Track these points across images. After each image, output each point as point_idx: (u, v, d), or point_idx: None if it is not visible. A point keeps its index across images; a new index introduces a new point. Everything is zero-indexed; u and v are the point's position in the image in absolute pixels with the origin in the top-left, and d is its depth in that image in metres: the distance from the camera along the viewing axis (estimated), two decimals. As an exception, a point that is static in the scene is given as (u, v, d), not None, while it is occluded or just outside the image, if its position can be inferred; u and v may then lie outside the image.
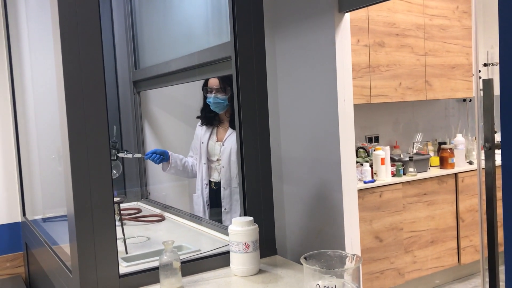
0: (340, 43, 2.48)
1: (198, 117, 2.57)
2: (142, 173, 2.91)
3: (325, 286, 1.05)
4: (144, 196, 2.91)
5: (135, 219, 2.42)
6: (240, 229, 1.55)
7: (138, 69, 2.79)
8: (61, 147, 1.47)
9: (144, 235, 2.13)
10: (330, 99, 3.38)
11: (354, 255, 1.12)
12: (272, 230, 1.76)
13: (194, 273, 1.57)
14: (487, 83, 2.13)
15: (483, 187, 2.38)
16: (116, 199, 1.91)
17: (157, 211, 2.60)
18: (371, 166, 3.51)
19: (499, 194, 2.18)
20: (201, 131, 2.58)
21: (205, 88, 2.44)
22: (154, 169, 2.90)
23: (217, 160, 2.52)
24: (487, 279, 2.41)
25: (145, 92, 2.86)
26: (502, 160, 1.99)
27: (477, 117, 2.68)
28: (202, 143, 2.56)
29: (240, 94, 1.72)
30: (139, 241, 2.05)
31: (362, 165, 3.48)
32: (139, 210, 2.65)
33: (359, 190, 3.23)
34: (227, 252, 1.63)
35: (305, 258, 1.13)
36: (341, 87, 3.49)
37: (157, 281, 1.49)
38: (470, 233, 3.86)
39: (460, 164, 3.96)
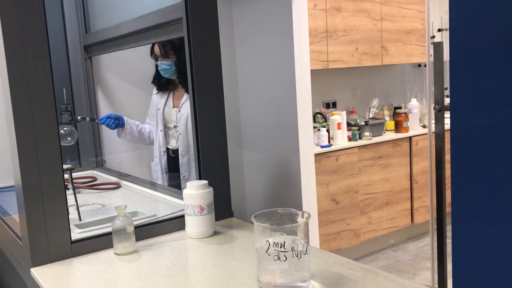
0: (297, 7, 2.46)
1: (152, 83, 2.53)
2: (96, 141, 2.84)
3: (274, 243, 1.07)
4: (100, 164, 2.85)
5: (90, 187, 2.38)
6: (194, 192, 1.55)
7: (89, 33, 2.69)
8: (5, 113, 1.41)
9: (99, 202, 2.10)
10: (287, 64, 3.38)
11: (303, 212, 1.14)
12: (227, 193, 1.77)
13: (149, 237, 1.57)
14: (438, 46, 2.18)
15: (433, 150, 2.46)
16: (66, 166, 1.86)
17: (113, 179, 2.56)
18: (328, 131, 3.56)
19: (448, 157, 2.26)
20: (157, 98, 2.52)
21: (153, 55, 2.39)
22: (109, 137, 2.84)
23: (174, 126, 2.49)
24: (435, 238, 2.52)
25: (97, 57, 2.77)
26: (450, 122, 2.04)
27: (428, 82, 2.75)
28: (158, 109, 2.51)
29: (192, 57, 1.68)
30: (93, 208, 2.02)
31: (319, 130, 3.52)
32: (94, 179, 2.60)
33: (316, 155, 3.28)
34: (183, 216, 1.64)
35: (255, 216, 1.14)
36: (298, 52, 3.49)
37: (110, 246, 1.48)
38: (423, 194, 4.02)
39: (414, 128, 4.07)
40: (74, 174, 2.48)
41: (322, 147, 3.41)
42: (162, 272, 1.30)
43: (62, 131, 2.42)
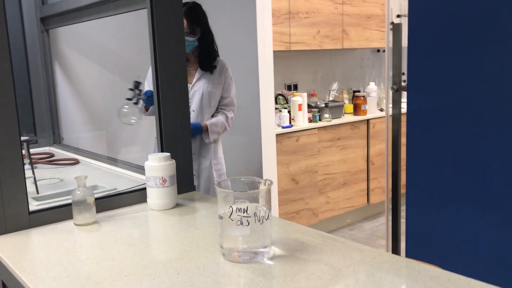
0: (260, -14, 2.44)
1: None
2: (54, 117, 2.77)
3: (237, 208, 1.09)
4: (57, 141, 2.78)
5: (47, 162, 2.32)
6: (157, 164, 1.54)
7: (46, 4, 2.60)
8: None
9: (58, 177, 2.06)
10: (250, 43, 3.39)
11: (266, 180, 1.17)
12: (190, 167, 1.77)
13: (109, 209, 1.56)
14: (397, 28, 2.24)
15: (390, 132, 2.54)
16: (23, 138, 1.81)
17: (72, 155, 2.51)
18: (289, 112, 3.60)
19: (404, 140, 2.34)
20: None
21: None
22: (66, 113, 2.77)
23: None
24: (390, 218, 2.62)
25: (55, 30, 2.68)
26: (407, 104, 2.11)
27: (387, 65, 2.82)
28: None
29: (155, 29, 1.66)
30: (51, 182, 1.98)
31: (280, 111, 3.56)
32: (52, 155, 2.54)
33: (277, 135, 3.33)
34: (144, 189, 1.63)
35: (219, 183, 1.16)
36: (261, 32, 3.50)
37: (70, 217, 1.46)
38: (379, 176, 4.14)
39: (372, 111, 4.18)
40: (31, 150, 2.41)
41: (283, 127, 3.45)
42: (124, 241, 1.30)
43: (125, 109, 2.28)
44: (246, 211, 1.10)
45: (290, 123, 3.56)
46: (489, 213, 1.96)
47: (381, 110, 4.30)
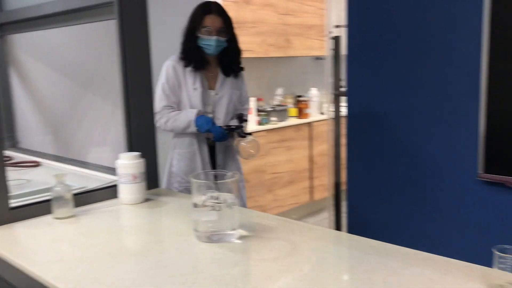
0: (212, -2, 2.61)
1: (182, 59, 2.33)
2: (10, 121, 2.82)
3: (211, 196, 1.29)
4: (13, 144, 2.83)
5: (10, 165, 2.39)
6: (128, 162, 1.70)
7: (4, 11, 2.65)
8: None
9: (23, 178, 2.14)
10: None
11: (233, 172, 1.37)
12: (155, 164, 1.93)
13: (83, 204, 1.70)
14: (337, 39, 2.52)
15: (332, 134, 2.80)
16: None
17: (31, 158, 2.58)
18: (238, 115, 3.82)
19: (343, 140, 2.60)
20: (182, 77, 2.31)
21: (202, 29, 2.26)
22: (23, 117, 2.83)
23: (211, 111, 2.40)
24: (333, 212, 2.89)
25: (12, 36, 2.74)
26: (347, 106, 2.38)
27: (327, 73, 3.10)
28: (195, 89, 2.30)
29: (124, 42, 1.81)
30: (19, 183, 2.07)
31: (230, 114, 3.77)
32: (10, 158, 2.60)
33: (228, 137, 3.53)
34: (114, 186, 1.78)
35: (194, 176, 1.35)
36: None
37: (49, 212, 1.59)
38: (321, 174, 4.45)
39: (314, 115, 4.49)
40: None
41: (233, 130, 3.66)
42: (105, 230, 1.45)
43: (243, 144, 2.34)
44: (218, 198, 1.30)
45: (239, 126, 3.77)
46: (418, 205, 2.27)
47: (322, 113, 4.62)
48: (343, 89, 2.55)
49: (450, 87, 2.11)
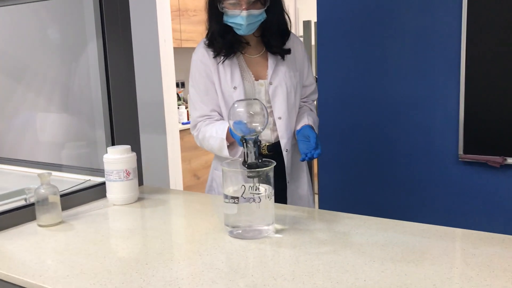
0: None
1: (209, 46, 1.61)
2: None
3: (250, 186, 1.14)
4: None
5: None
6: (119, 156, 1.48)
7: None
8: None
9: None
10: (151, 39, 3.33)
11: (269, 160, 1.23)
12: (140, 159, 1.72)
13: (67, 208, 1.45)
14: (306, 24, 2.44)
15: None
16: None
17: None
18: (186, 108, 3.62)
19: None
20: (214, 73, 1.58)
21: (225, 1, 1.50)
22: None
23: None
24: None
25: None
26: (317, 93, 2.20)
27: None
28: (235, 87, 1.56)
29: (104, 22, 1.59)
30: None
31: (178, 108, 3.56)
32: None
33: (179, 131, 3.32)
34: (100, 184, 1.55)
35: (226, 163, 1.20)
36: (161, 27, 3.47)
37: (32, 218, 1.33)
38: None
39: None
40: None
41: (183, 123, 3.46)
42: (111, 234, 1.23)
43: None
44: (258, 189, 1.15)
45: (188, 119, 3.57)
46: (400, 189, 2.28)
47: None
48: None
49: (429, 70, 2.13)
